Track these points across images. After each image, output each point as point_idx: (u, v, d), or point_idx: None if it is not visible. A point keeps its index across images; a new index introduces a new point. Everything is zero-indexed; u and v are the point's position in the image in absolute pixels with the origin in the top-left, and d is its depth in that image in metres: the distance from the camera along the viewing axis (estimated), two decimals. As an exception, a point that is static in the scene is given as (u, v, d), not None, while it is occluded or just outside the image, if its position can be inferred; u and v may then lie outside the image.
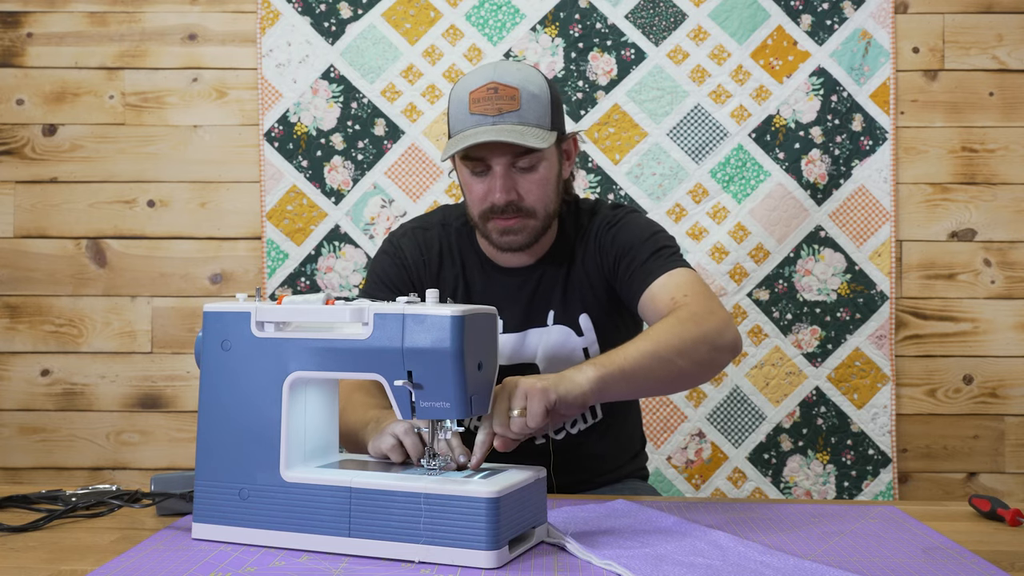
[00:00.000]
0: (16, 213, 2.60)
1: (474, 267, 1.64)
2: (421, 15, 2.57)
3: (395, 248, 1.66)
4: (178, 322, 2.60)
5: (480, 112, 1.47)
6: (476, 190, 1.53)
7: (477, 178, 1.53)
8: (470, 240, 1.66)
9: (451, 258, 1.65)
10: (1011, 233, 2.57)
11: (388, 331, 1.15)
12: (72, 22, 2.61)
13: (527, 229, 1.54)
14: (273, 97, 2.57)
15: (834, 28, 2.54)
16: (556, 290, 1.62)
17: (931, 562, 1.13)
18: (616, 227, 1.61)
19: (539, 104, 1.50)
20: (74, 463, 2.60)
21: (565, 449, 1.65)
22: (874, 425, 2.52)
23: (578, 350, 1.60)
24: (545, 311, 1.62)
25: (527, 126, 1.47)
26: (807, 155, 2.54)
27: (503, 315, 1.59)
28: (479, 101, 1.47)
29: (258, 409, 1.20)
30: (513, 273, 1.63)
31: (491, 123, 1.46)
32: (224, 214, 2.60)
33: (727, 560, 1.11)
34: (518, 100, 1.47)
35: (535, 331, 1.61)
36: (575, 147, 1.64)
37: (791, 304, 2.53)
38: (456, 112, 1.51)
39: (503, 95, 1.47)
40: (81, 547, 1.19)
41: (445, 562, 1.10)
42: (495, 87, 1.47)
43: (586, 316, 1.61)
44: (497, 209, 1.51)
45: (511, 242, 1.55)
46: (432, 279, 1.63)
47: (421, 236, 1.67)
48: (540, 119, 1.49)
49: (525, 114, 1.47)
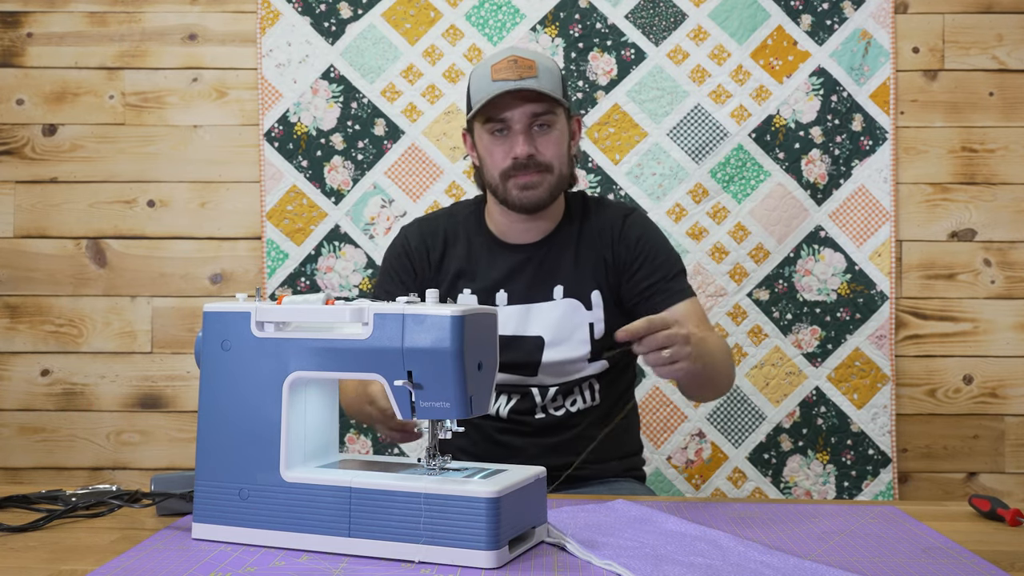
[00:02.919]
0: (16, 213, 2.60)
1: (481, 246, 1.74)
2: (421, 15, 2.57)
3: (402, 239, 1.79)
4: (178, 322, 2.60)
5: (502, 78, 1.61)
6: (497, 152, 1.66)
7: (498, 139, 1.65)
8: (478, 222, 1.77)
9: (456, 240, 1.75)
10: (1011, 233, 2.57)
11: (388, 331, 1.15)
12: (72, 22, 2.61)
13: (544, 184, 1.65)
14: (273, 97, 2.57)
15: (834, 28, 2.54)
16: (564, 266, 1.71)
17: (931, 562, 1.13)
18: (638, 223, 1.74)
19: (553, 76, 1.66)
20: (74, 463, 2.60)
21: (561, 426, 1.72)
22: (874, 425, 2.52)
23: (584, 324, 1.69)
24: (551, 285, 1.71)
25: (544, 90, 1.62)
26: (807, 155, 2.54)
27: (508, 288, 1.71)
28: (501, 70, 1.62)
29: (258, 409, 1.20)
30: (519, 249, 1.73)
31: (513, 84, 1.61)
32: (224, 214, 2.60)
33: (727, 560, 1.11)
34: (535, 69, 1.62)
35: (540, 305, 1.70)
36: (579, 128, 1.77)
37: (791, 304, 2.53)
38: (478, 84, 1.65)
39: (522, 65, 1.62)
40: (81, 547, 1.19)
41: (445, 562, 1.10)
42: (515, 59, 1.63)
43: (598, 292, 1.70)
44: (519, 164, 1.63)
45: (530, 197, 1.65)
46: (436, 263, 1.74)
47: (426, 225, 1.79)
48: (554, 88, 1.65)
49: (542, 81, 1.62)
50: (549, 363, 1.69)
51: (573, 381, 1.72)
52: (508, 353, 1.67)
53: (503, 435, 1.72)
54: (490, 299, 1.70)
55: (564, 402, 1.72)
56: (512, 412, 1.72)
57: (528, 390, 1.71)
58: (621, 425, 1.78)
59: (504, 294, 1.70)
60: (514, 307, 1.70)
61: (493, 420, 1.73)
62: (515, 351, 1.68)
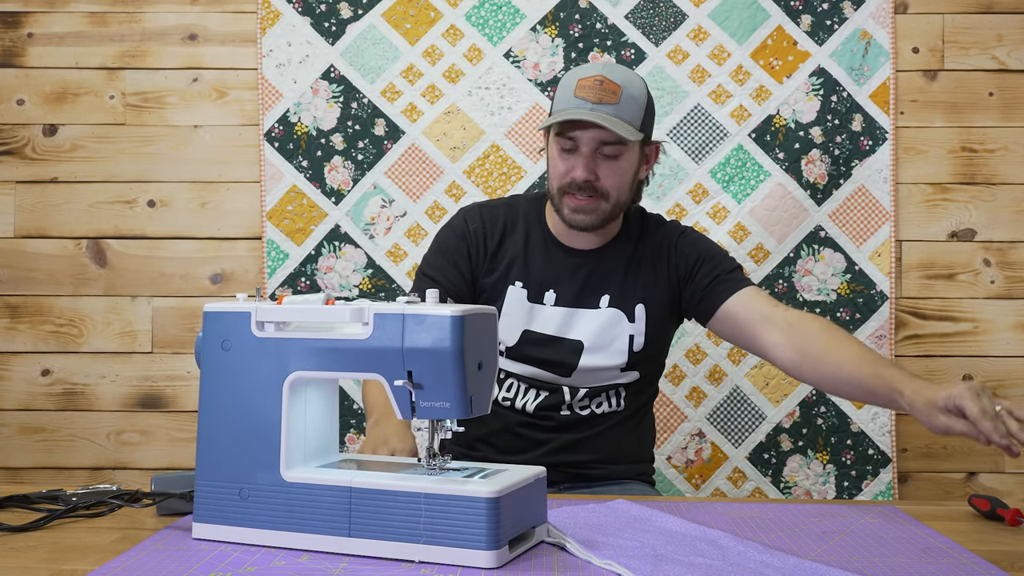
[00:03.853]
0: (16, 213, 2.60)
1: (537, 242, 1.75)
2: (421, 15, 2.57)
3: (460, 220, 1.78)
4: (178, 322, 2.60)
5: (583, 97, 1.60)
6: (561, 165, 1.66)
7: (565, 154, 1.65)
8: (538, 218, 1.77)
9: (514, 232, 1.76)
10: (1011, 233, 2.57)
11: (388, 331, 1.15)
12: (72, 22, 2.61)
13: (598, 211, 1.65)
14: (273, 97, 2.57)
15: (834, 28, 2.54)
16: (614, 277, 1.72)
17: (931, 562, 1.13)
18: (693, 237, 1.77)
19: (635, 105, 1.63)
20: (74, 463, 2.60)
21: (583, 424, 1.74)
22: (874, 425, 2.52)
23: (625, 335, 1.71)
24: (599, 294, 1.72)
25: (620, 120, 1.60)
26: (807, 155, 2.54)
27: (558, 289, 1.72)
28: (584, 88, 1.60)
29: (258, 409, 1.20)
30: (575, 253, 1.74)
31: (590, 108, 1.59)
32: (224, 214, 2.60)
33: (727, 560, 1.11)
34: (619, 96, 1.60)
35: (585, 311, 1.71)
36: (655, 154, 1.76)
37: (791, 304, 2.53)
38: (562, 94, 1.64)
39: (607, 88, 1.60)
40: (81, 547, 1.19)
41: (445, 562, 1.10)
42: (601, 79, 1.60)
43: (642, 307, 1.72)
44: (575, 185, 1.63)
45: (581, 220, 1.66)
46: (492, 250, 1.74)
47: (488, 211, 1.79)
48: (633, 118, 1.62)
49: (622, 109, 1.60)
50: (585, 368, 1.70)
51: (603, 387, 1.73)
52: (546, 352, 1.70)
53: (524, 428, 1.74)
54: (539, 297, 1.71)
55: (591, 403, 1.74)
56: (538, 408, 1.73)
57: (559, 388, 1.73)
58: (638, 431, 1.81)
59: (553, 294, 1.71)
60: (560, 308, 1.71)
61: (518, 413, 1.74)
62: (554, 351, 1.70)
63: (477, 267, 1.73)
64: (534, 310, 1.71)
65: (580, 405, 1.73)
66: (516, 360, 1.72)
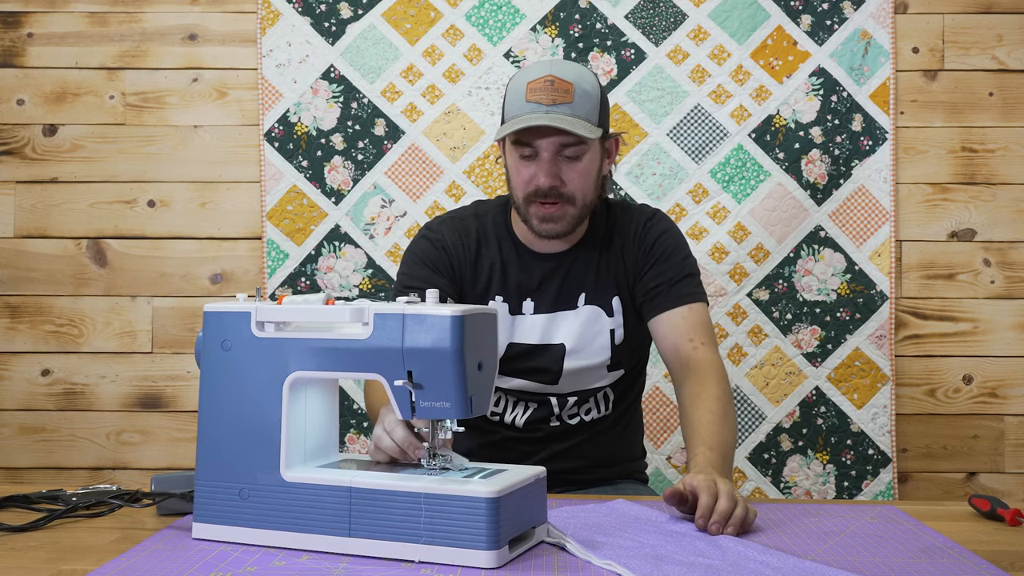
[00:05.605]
0: (16, 213, 2.60)
1: (510, 252, 1.72)
2: (421, 15, 2.57)
3: (435, 233, 1.73)
4: (178, 322, 2.60)
5: (535, 100, 1.55)
6: (523, 173, 1.61)
7: (525, 162, 1.61)
8: (506, 228, 1.74)
9: (487, 244, 1.72)
10: (1011, 233, 2.57)
11: (388, 331, 1.15)
12: (72, 22, 2.61)
13: (566, 217, 1.62)
14: (273, 97, 2.57)
15: (834, 28, 2.54)
16: (588, 274, 1.70)
17: (931, 562, 1.13)
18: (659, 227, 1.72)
19: (590, 101, 1.58)
20: (74, 463, 2.60)
21: (573, 432, 1.74)
22: (874, 425, 2.52)
23: (605, 330, 1.69)
24: (576, 295, 1.70)
25: (578, 119, 1.55)
26: (807, 155, 2.54)
27: (535, 297, 1.69)
28: (535, 91, 1.56)
29: (258, 409, 1.20)
30: (547, 258, 1.71)
31: (544, 111, 1.54)
32: (224, 214, 2.60)
33: (727, 560, 1.11)
34: (571, 94, 1.55)
35: (564, 313, 1.69)
36: (616, 147, 1.72)
37: (791, 304, 2.53)
38: (512, 99, 1.60)
39: (558, 87, 1.55)
40: (81, 547, 1.19)
41: (445, 562, 1.10)
42: (552, 79, 1.55)
43: (618, 299, 1.70)
44: (540, 193, 1.59)
45: (550, 229, 1.63)
46: (471, 263, 1.71)
47: (459, 223, 1.74)
48: (589, 114, 1.57)
49: (577, 107, 1.55)
50: (570, 371, 1.69)
51: (590, 391, 1.72)
52: (531, 361, 1.68)
53: (513, 442, 1.73)
54: (518, 307, 1.69)
55: (579, 411, 1.73)
56: (528, 422, 1.73)
57: (547, 399, 1.72)
58: (627, 431, 1.81)
59: (531, 303, 1.69)
60: (540, 316, 1.69)
61: (508, 428, 1.73)
62: (538, 359, 1.68)
63: (462, 279, 1.70)
64: (515, 321, 1.68)
65: (569, 414, 1.72)
66: (503, 374, 1.70)
